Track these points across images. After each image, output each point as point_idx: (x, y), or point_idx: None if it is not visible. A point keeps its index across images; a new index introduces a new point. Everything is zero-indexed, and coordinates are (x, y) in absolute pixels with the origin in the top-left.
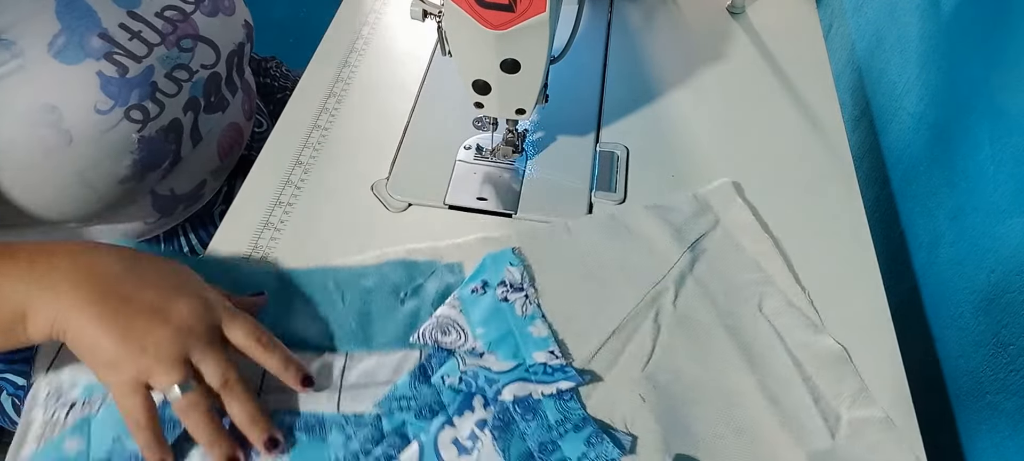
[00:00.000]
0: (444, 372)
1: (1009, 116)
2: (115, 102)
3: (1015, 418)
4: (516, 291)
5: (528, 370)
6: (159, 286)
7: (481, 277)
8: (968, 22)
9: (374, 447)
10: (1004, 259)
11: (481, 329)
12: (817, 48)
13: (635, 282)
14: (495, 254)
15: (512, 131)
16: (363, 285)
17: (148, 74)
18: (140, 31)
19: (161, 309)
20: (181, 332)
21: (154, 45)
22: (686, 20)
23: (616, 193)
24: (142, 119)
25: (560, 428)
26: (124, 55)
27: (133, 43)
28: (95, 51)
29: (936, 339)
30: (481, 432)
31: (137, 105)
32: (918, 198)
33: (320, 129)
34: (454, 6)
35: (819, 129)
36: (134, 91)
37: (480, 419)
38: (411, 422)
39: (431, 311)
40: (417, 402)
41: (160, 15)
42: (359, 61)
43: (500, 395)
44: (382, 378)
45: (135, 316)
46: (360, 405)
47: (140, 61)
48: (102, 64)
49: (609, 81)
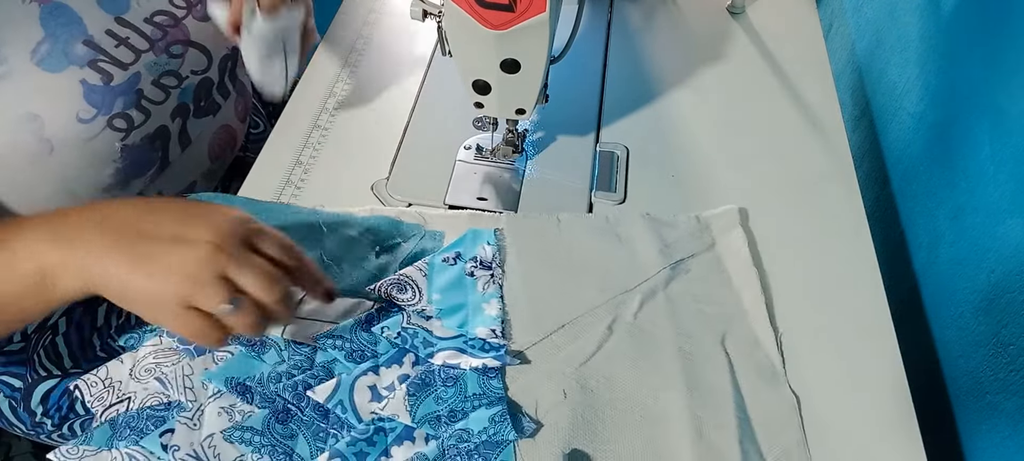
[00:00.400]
0: (386, 324)
1: (1009, 116)
2: (98, 111)
3: (1015, 418)
4: (484, 268)
5: (466, 342)
6: (178, 218)
7: (456, 248)
8: (968, 22)
9: (298, 373)
10: (1004, 259)
11: (438, 296)
12: (817, 48)
13: (604, 284)
14: (476, 230)
15: (512, 131)
16: (345, 233)
17: (134, 81)
18: (127, 38)
19: (183, 236)
20: (210, 252)
21: (142, 52)
22: (686, 20)
23: (616, 193)
24: (126, 127)
25: (475, 401)
26: (110, 62)
27: (120, 50)
28: (79, 58)
29: (936, 339)
30: (399, 385)
31: (121, 113)
32: (918, 198)
33: (320, 129)
34: (454, 6)
35: (819, 129)
36: (118, 99)
37: (403, 374)
38: (340, 361)
39: (399, 269)
40: (351, 345)
41: (149, 21)
42: (359, 61)
43: (432, 358)
44: (329, 317)
45: (157, 246)
46: (302, 336)
47: (126, 68)
48: (86, 72)
49: (609, 81)
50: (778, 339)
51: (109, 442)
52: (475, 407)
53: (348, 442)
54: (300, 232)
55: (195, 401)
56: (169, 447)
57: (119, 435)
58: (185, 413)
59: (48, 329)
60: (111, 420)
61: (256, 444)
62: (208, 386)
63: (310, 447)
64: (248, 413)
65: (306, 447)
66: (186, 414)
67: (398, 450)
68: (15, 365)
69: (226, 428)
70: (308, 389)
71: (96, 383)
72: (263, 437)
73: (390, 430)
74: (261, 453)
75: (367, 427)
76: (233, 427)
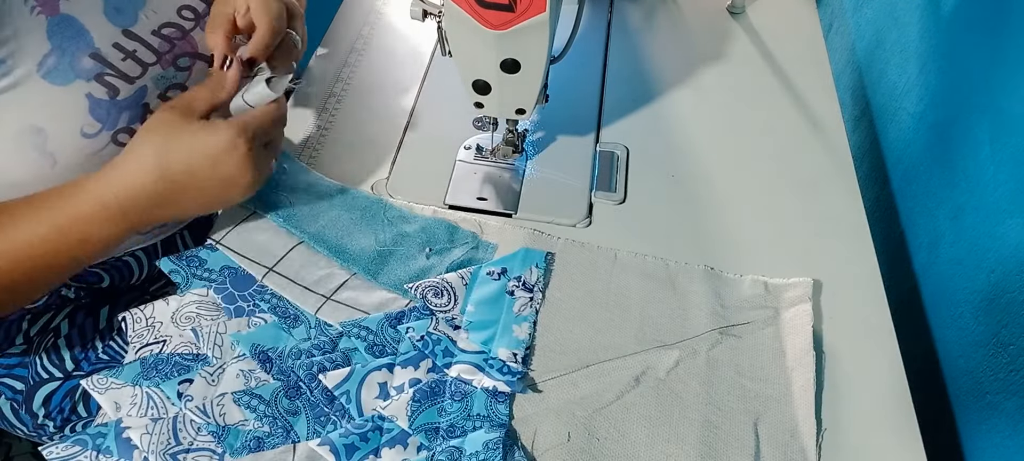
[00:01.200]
0: (413, 325)
1: (1009, 116)
2: (103, 125)
3: (1015, 418)
4: (525, 290)
5: (486, 360)
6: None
7: (504, 264)
8: (968, 22)
9: (318, 354)
10: (1004, 259)
11: (472, 307)
12: (817, 48)
13: (642, 333)
14: (529, 250)
15: (512, 131)
16: (402, 228)
17: (140, 95)
18: (135, 51)
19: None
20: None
21: (149, 65)
22: (686, 20)
23: (616, 193)
24: None
25: (477, 421)
26: (116, 76)
27: (126, 63)
28: (86, 72)
29: (936, 339)
30: (408, 389)
31: (126, 128)
32: (918, 198)
33: (320, 129)
34: (454, 6)
35: (819, 129)
36: (124, 113)
37: (414, 378)
38: (360, 352)
39: (443, 273)
40: (375, 338)
41: (157, 33)
42: (359, 61)
43: (448, 368)
44: (363, 307)
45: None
46: (333, 318)
47: (133, 82)
48: (92, 85)
49: (609, 81)
50: (820, 436)
51: (135, 380)
52: (476, 428)
53: (342, 433)
54: (363, 216)
55: (221, 358)
56: (183, 396)
57: (146, 375)
58: (208, 368)
59: (50, 332)
60: (143, 359)
61: (260, 412)
62: (235, 347)
63: (308, 428)
64: (263, 381)
65: (305, 427)
66: (209, 369)
67: (389, 452)
68: (17, 367)
69: (237, 390)
70: (322, 372)
71: (140, 319)
72: (268, 407)
73: (387, 431)
74: (262, 422)
75: (365, 422)
76: (243, 391)
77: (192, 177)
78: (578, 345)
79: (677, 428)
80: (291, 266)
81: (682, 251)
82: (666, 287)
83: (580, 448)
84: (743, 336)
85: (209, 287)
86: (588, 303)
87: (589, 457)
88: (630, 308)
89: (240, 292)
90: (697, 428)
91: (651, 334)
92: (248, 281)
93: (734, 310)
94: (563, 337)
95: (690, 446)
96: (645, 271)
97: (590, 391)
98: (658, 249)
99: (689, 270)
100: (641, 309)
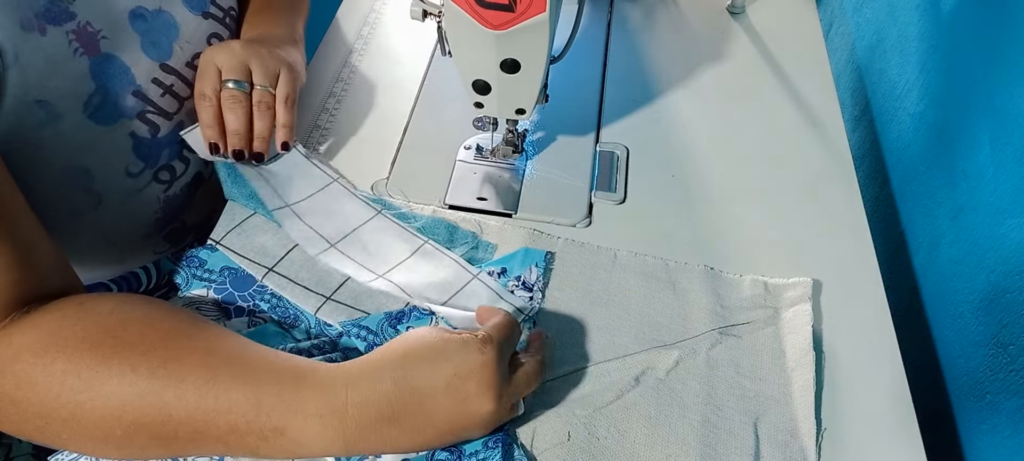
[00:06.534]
0: (412, 324)
1: (1009, 116)
2: (145, 164)
3: (1015, 418)
4: (524, 289)
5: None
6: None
7: (503, 264)
8: (968, 22)
9: (319, 354)
10: (1004, 259)
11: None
12: (817, 48)
13: (642, 333)
14: (528, 249)
15: (512, 131)
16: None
17: (177, 131)
18: (172, 85)
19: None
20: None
21: (184, 98)
22: (686, 20)
23: (616, 193)
24: (169, 179)
25: None
26: (156, 113)
27: (165, 99)
28: (129, 110)
29: (936, 339)
30: None
31: (166, 165)
32: (918, 198)
33: (320, 129)
34: (454, 6)
35: (819, 129)
36: (164, 151)
37: None
38: (359, 352)
39: None
40: (375, 338)
41: (190, 64)
42: (359, 61)
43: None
44: (363, 307)
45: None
46: (333, 318)
47: (171, 118)
48: (135, 124)
49: (609, 81)
50: (820, 436)
51: None
52: None
53: None
54: (371, 213)
55: None
56: None
57: None
58: None
59: None
60: None
61: None
62: None
63: None
64: None
65: None
66: None
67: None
68: None
69: None
70: None
71: None
72: None
73: None
74: None
75: None
76: None
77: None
78: (576, 345)
79: (677, 428)
80: (291, 266)
81: (682, 251)
82: (666, 287)
83: (580, 447)
84: (743, 336)
85: (209, 287)
86: (588, 303)
87: (589, 457)
88: (630, 308)
89: (240, 292)
90: (697, 428)
91: (651, 334)
92: (248, 281)
93: (734, 310)
94: (560, 337)
95: (690, 446)
96: (645, 271)
97: (590, 391)
98: (658, 249)
99: (689, 270)
100: (641, 309)
